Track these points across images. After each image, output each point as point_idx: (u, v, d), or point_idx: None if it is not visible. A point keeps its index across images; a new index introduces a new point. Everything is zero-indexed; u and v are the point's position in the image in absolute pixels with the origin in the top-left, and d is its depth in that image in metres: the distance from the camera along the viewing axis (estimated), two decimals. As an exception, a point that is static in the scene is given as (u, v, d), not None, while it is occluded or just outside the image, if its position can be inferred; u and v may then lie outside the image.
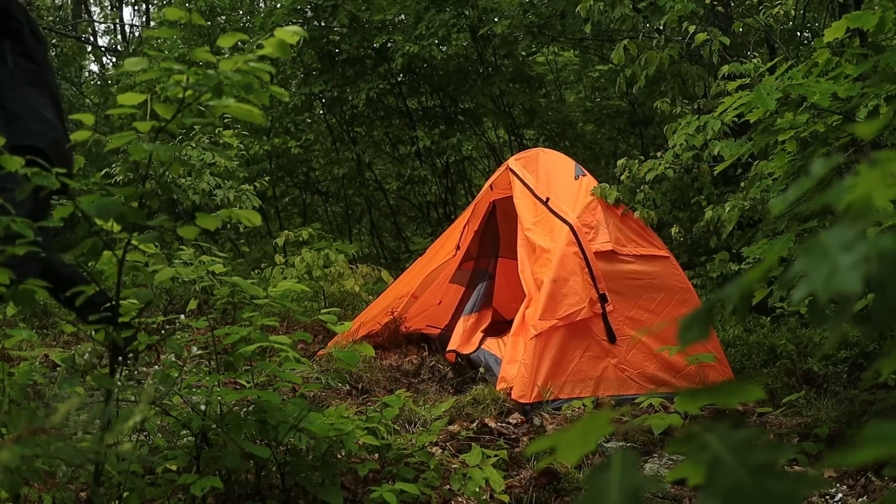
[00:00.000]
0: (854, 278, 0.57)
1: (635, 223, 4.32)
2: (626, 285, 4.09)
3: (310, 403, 2.40)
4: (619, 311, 4.04)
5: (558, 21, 7.95)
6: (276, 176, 10.24)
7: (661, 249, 4.30)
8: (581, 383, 3.89)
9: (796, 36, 7.89)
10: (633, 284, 4.10)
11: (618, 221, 4.24)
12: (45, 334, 4.84)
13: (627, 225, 4.28)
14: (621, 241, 4.19)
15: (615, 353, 3.97)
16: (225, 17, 10.14)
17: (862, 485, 2.81)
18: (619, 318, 4.03)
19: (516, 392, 3.79)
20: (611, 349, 3.97)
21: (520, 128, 9.96)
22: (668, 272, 4.20)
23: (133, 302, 2.18)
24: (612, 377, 3.94)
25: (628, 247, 4.19)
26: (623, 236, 4.21)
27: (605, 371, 3.93)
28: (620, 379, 3.95)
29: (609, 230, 4.15)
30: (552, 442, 0.67)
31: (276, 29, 1.66)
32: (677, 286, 4.18)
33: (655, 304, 4.10)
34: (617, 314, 4.03)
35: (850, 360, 4.20)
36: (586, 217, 4.16)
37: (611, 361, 3.95)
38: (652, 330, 3.95)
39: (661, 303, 4.10)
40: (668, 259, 4.26)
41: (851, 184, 0.67)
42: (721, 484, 0.58)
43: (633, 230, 4.27)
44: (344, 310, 6.06)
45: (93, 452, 1.30)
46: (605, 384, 3.92)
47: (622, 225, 4.26)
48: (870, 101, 2.80)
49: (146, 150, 1.69)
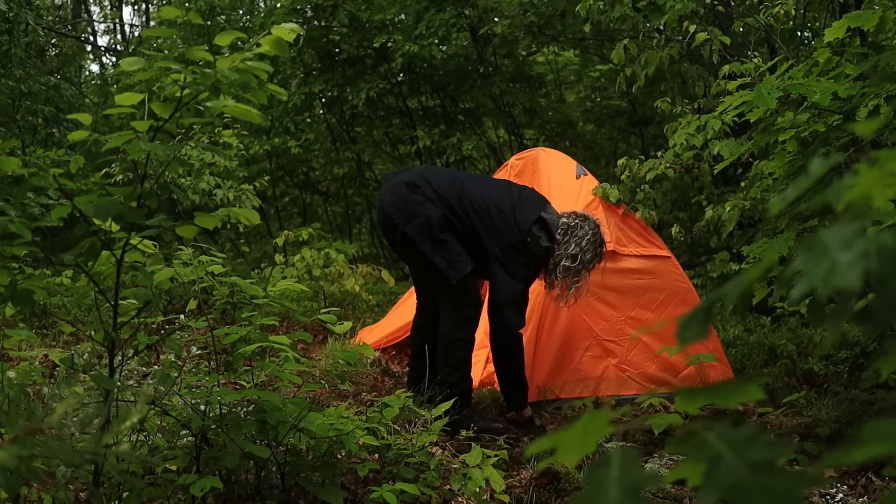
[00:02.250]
0: (853, 275, 0.57)
1: (636, 223, 4.32)
2: (627, 285, 4.08)
3: (311, 403, 2.40)
4: (621, 311, 4.03)
5: (558, 21, 7.95)
6: (275, 176, 10.25)
7: (663, 249, 4.30)
8: (581, 383, 3.89)
9: (796, 36, 7.90)
10: (634, 284, 4.10)
11: (619, 221, 4.24)
12: (45, 334, 4.83)
13: (628, 225, 4.28)
14: (622, 240, 4.18)
15: (616, 352, 3.96)
16: (225, 17, 10.15)
17: (862, 485, 2.81)
18: (621, 318, 4.02)
19: None
20: (612, 349, 3.96)
21: (520, 127, 9.96)
22: (669, 272, 4.20)
23: (132, 302, 2.18)
24: (613, 377, 3.93)
25: (629, 246, 4.19)
26: (624, 236, 4.21)
27: (605, 371, 3.93)
28: (621, 379, 3.95)
29: (610, 230, 4.14)
30: (552, 443, 0.67)
31: (273, 27, 1.66)
32: (678, 286, 4.18)
33: (657, 304, 4.09)
34: (618, 314, 4.03)
35: (850, 360, 4.20)
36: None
37: (611, 361, 3.95)
38: (651, 329, 3.94)
39: (663, 302, 4.10)
40: (669, 259, 4.26)
41: (851, 183, 0.67)
42: (721, 481, 0.58)
43: (634, 230, 4.27)
44: (344, 310, 6.06)
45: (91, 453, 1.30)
46: (606, 384, 3.92)
47: (623, 225, 4.25)
48: (870, 101, 2.80)
49: (144, 149, 1.69)
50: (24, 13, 7.95)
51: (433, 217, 3.38)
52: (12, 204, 1.88)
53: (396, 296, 6.19)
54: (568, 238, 3.44)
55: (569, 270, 3.41)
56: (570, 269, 3.41)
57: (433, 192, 3.44)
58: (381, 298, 6.58)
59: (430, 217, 3.38)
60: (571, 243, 3.42)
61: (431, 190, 3.45)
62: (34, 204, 2.26)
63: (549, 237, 3.45)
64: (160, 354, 3.82)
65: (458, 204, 3.44)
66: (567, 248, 3.41)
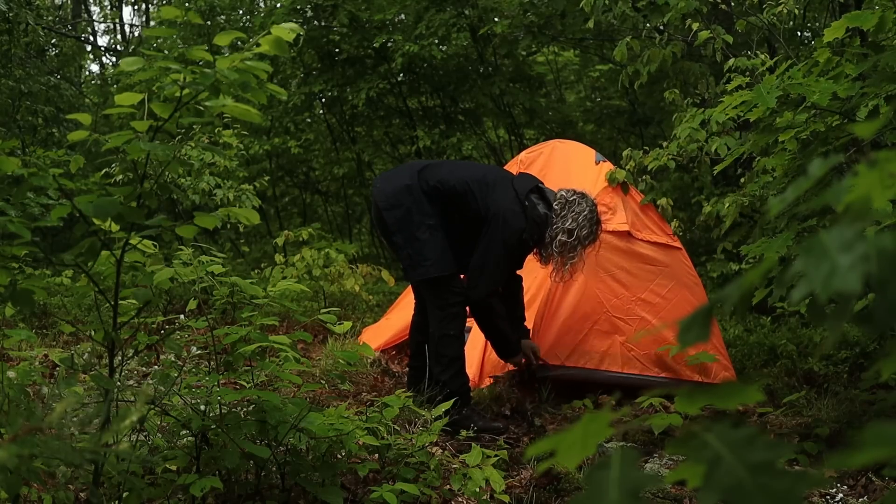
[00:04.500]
0: (853, 277, 0.57)
1: (653, 212, 4.37)
2: (640, 268, 4.12)
3: (311, 403, 2.40)
4: (632, 291, 4.06)
5: (558, 21, 7.95)
6: (276, 176, 10.25)
7: (675, 241, 4.35)
8: (587, 355, 3.91)
9: (797, 35, 7.90)
10: (647, 269, 4.14)
11: (636, 207, 4.28)
12: (45, 334, 4.83)
13: (645, 213, 4.33)
14: (637, 225, 4.23)
15: (624, 330, 3.99)
16: (225, 17, 10.15)
17: (862, 485, 2.81)
18: (631, 298, 4.05)
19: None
20: (620, 326, 3.99)
21: (520, 127, 9.97)
22: (679, 263, 4.25)
23: (132, 302, 2.18)
24: (618, 354, 3.96)
25: (643, 232, 4.23)
26: (639, 221, 4.25)
27: (611, 347, 3.96)
28: (626, 357, 3.97)
29: (627, 214, 4.17)
30: (552, 444, 0.67)
31: (273, 27, 1.66)
32: (687, 278, 4.23)
33: (667, 291, 4.13)
34: (629, 293, 4.05)
35: (850, 360, 4.20)
36: (604, 198, 4.17)
37: (618, 338, 3.98)
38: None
39: (672, 290, 4.13)
40: (680, 251, 4.31)
41: (850, 184, 0.67)
42: (721, 482, 0.58)
43: (650, 218, 4.32)
44: (344, 310, 6.06)
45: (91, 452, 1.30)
46: (610, 360, 3.95)
47: (640, 211, 4.29)
48: (870, 101, 2.80)
49: (144, 149, 1.69)
50: (24, 13, 7.95)
51: (413, 210, 3.40)
52: (12, 204, 1.88)
53: (396, 296, 6.18)
54: (565, 212, 3.45)
55: (565, 245, 3.42)
56: (566, 245, 3.42)
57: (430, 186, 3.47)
58: (381, 298, 6.58)
59: (410, 210, 3.40)
60: (569, 218, 3.43)
61: (428, 184, 3.47)
62: (34, 204, 2.26)
63: (546, 206, 3.47)
64: (160, 354, 3.82)
65: (459, 184, 3.47)
66: (564, 223, 3.43)
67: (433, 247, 3.37)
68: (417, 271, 3.38)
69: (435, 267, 3.36)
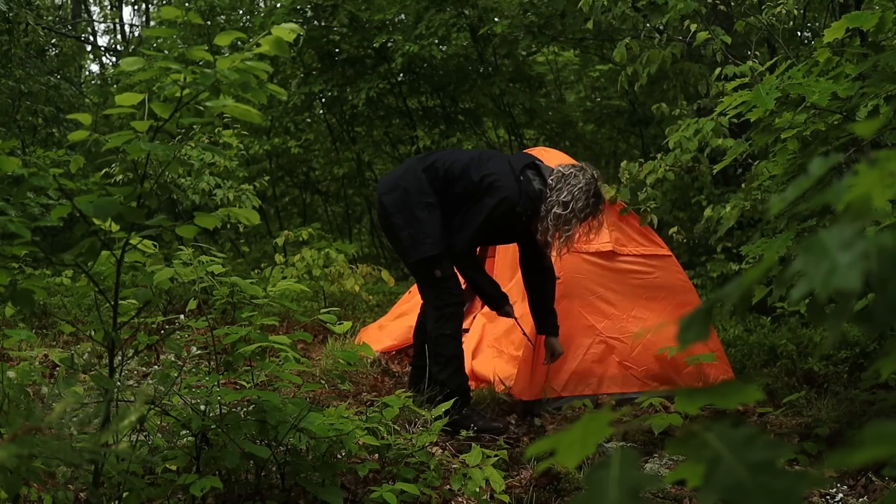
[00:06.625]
0: (853, 275, 0.57)
1: (635, 222, 4.32)
2: (628, 285, 4.09)
3: (311, 403, 2.40)
4: (622, 310, 4.03)
5: (558, 21, 7.95)
6: (276, 176, 10.24)
7: (663, 248, 4.30)
8: (584, 381, 3.88)
9: (796, 36, 7.90)
10: (635, 283, 4.10)
11: (618, 220, 4.24)
12: (45, 334, 4.83)
13: (628, 223, 4.28)
14: (621, 240, 4.19)
15: (619, 350, 3.96)
16: (225, 17, 10.15)
17: (862, 485, 2.80)
18: (623, 317, 4.02)
19: (516, 389, 3.79)
20: (615, 346, 3.96)
21: (520, 127, 9.97)
22: (670, 270, 4.21)
23: (132, 302, 2.18)
24: (617, 375, 3.93)
25: (629, 246, 4.19)
26: (623, 235, 4.21)
27: (608, 369, 3.93)
28: (625, 377, 3.94)
29: (609, 229, 4.14)
30: (551, 444, 0.67)
31: (273, 27, 1.66)
32: (678, 284, 4.19)
33: (658, 303, 4.10)
34: (619, 312, 4.03)
35: (850, 360, 4.20)
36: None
37: (614, 359, 3.95)
38: (651, 330, 3.94)
39: (664, 301, 4.10)
40: (669, 258, 4.26)
41: (850, 183, 0.67)
42: (721, 481, 0.58)
43: (633, 228, 4.28)
44: (344, 310, 6.06)
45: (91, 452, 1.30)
46: (609, 382, 3.91)
47: (622, 224, 4.25)
48: (870, 101, 2.79)
49: (144, 149, 1.69)
50: (24, 13, 7.95)
51: (411, 190, 3.43)
52: (12, 204, 1.88)
53: (396, 296, 6.18)
54: (561, 185, 3.45)
55: (559, 218, 3.40)
56: (560, 217, 3.40)
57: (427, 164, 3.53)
58: (381, 298, 6.58)
59: (408, 190, 3.43)
60: (564, 191, 3.43)
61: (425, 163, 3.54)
62: (34, 204, 2.26)
63: (541, 182, 3.48)
64: (160, 354, 3.83)
65: (457, 162, 3.51)
66: (559, 196, 3.42)
67: (433, 225, 3.41)
68: (420, 249, 3.39)
69: (433, 246, 3.38)
